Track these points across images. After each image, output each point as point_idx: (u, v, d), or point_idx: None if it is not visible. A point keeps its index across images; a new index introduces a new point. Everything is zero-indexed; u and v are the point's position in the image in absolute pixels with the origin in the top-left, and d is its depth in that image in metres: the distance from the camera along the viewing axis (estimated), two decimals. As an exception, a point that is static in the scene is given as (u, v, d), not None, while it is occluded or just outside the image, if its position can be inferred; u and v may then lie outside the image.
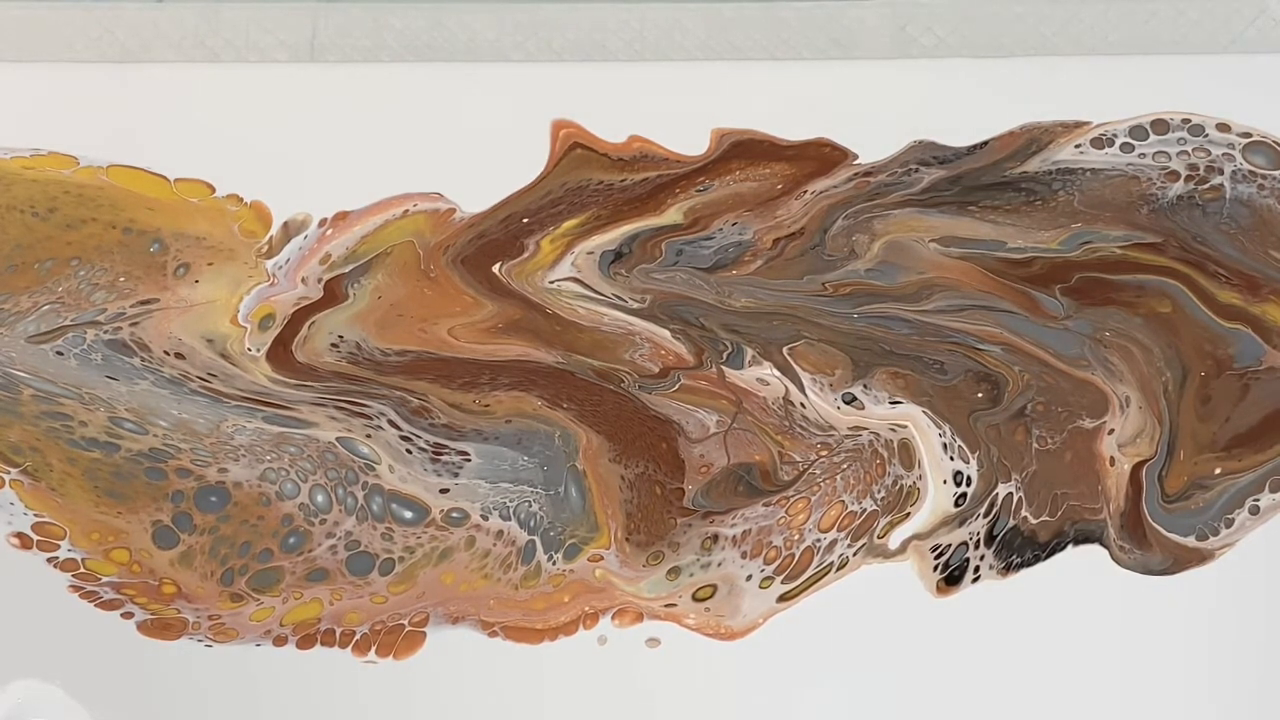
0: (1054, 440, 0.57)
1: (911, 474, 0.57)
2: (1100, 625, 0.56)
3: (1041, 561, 0.57)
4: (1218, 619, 0.56)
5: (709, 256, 0.59)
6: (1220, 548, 0.57)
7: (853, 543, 0.57)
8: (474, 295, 0.59)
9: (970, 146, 0.60)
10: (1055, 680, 0.56)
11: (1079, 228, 0.59)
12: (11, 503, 0.56)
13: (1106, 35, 0.62)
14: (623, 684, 0.56)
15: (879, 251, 0.59)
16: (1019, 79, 0.61)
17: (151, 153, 0.59)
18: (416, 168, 0.59)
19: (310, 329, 0.58)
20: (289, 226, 0.59)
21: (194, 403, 0.57)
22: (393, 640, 0.56)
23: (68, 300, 0.58)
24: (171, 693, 0.55)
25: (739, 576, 0.57)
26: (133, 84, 0.61)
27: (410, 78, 0.61)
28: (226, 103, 0.60)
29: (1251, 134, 0.60)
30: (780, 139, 0.60)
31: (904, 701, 0.56)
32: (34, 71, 0.61)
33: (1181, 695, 0.56)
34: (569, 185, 0.60)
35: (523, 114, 0.60)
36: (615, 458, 0.57)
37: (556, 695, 0.56)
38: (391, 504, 0.57)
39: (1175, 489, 0.57)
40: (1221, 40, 0.62)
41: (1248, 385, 0.58)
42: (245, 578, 0.56)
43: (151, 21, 0.62)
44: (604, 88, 0.61)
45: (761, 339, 0.58)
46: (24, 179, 0.59)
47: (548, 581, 0.56)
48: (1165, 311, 0.59)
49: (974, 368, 0.58)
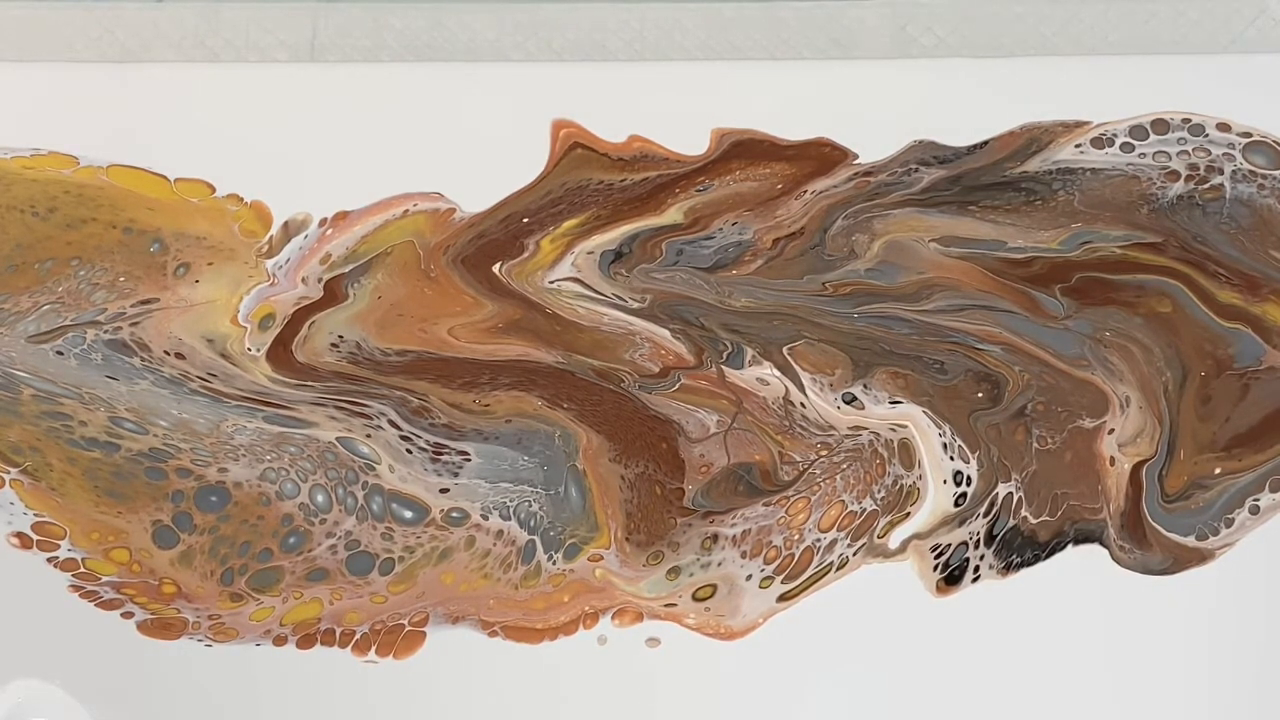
0: (1054, 440, 0.57)
1: (911, 474, 0.57)
2: (1100, 625, 0.56)
3: (1041, 561, 0.57)
4: (1218, 619, 0.56)
5: (709, 256, 0.59)
6: (1220, 548, 0.57)
7: (853, 542, 0.57)
8: (474, 295, 0.59)
9: (970, 146, 0.60)
10: (1055, 680, 0.56)
11: (1079, 227, 0.59)
12: (11, 502, 0.56)
13: (1106, 35, 0.62)
14: (623, 684, 0.56)
15: (879, 251, 0.59)
16: (1019, 79, 0.61)
17: (151, 153, 0.59)
18: (416, 168, 0.59)
19: (310, 329, 0.58)
20: (289, 226, 0.59)
21: (194, 403, 0.57)
22: (393, 640, 0.56)
23: (68, 300, 0.58)
24: (171, 693, 0.55)
25: (739, 576, 0.57)
26: (133, 84, 0.61)
27: (410, 78, 0.61)
28: (226, 103, 0.60)
29: (1251, 134, 0.60)
30: (780, 139, 0.60)
31: (904, 701, 0.56)
32: (34, 71, 0.61)
33: (1181, 695, 0.56)
34: (569, 185, 0.60)
35: (523, 114, 0.60)
36: (615, 458, 0.57)
37: (556, 695, 0.56)
38: (391, 504, 0.57)
39: (1175, 489, 0.57)
40: (1221, 40, 0.62)
41: (1248, 385, 0.58)
42: (245, 577, 0.56)
43: (151, 21, 0.62)
44: (604, 88, 0.61)
45: (761, 339, 0.58)
46: (24, 179, 0.59)
47: (548, 581, 0.56)
48: (1165, 311, 0.59)
49: (974, 368, 0.58)
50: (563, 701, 0.56)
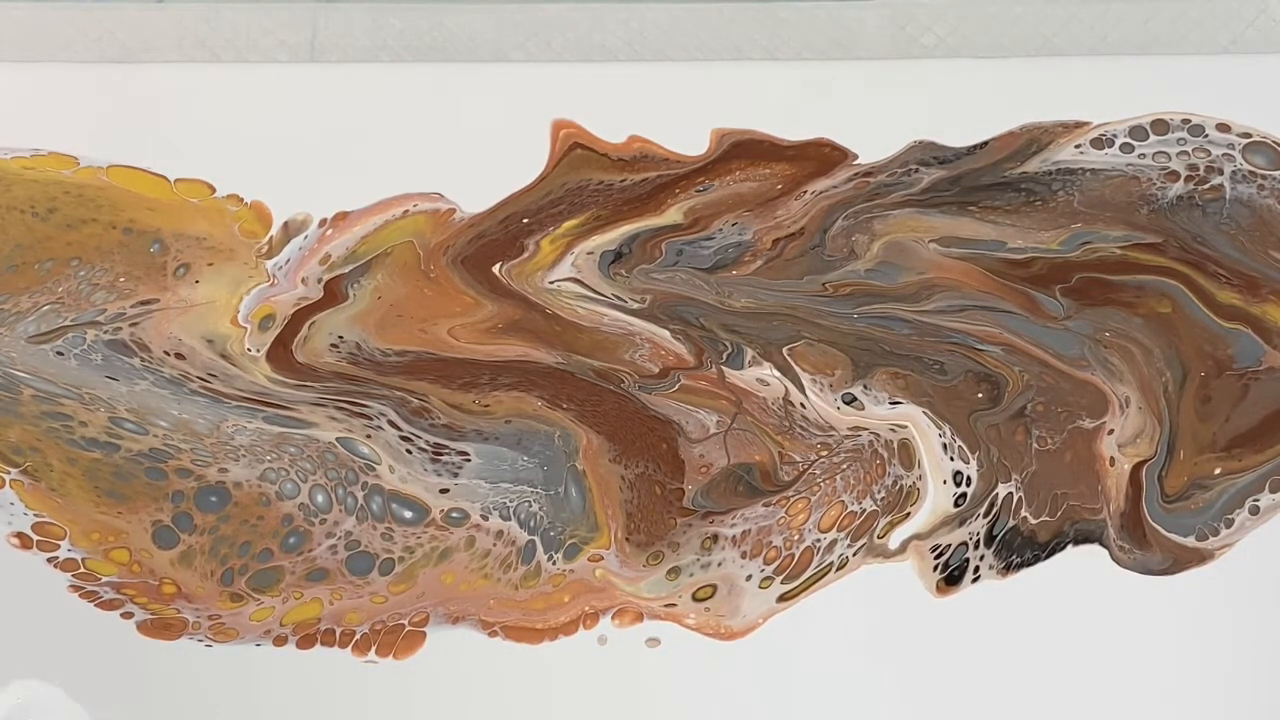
0: (1054, 440, 0.57)
1: (911, 474, 0.57)
2: (1100, 625, 0.56)
3: (1041, 561, 0.57)
4: (1217, 619, 0.56)
5: (709, 257, 0.59)
6: (1220, 548, 0.57)
7: (852, 543, 0.57)
8: (474, 295, 0.59)
9: (970, 146, 0.60)
10: (1055, 680, 0.56)
11: (1079, 228, 0.59)
12: (11, 503, 0.56)
13: (1106, 35, 0.62)
14: (623, 684, 0.56)
15: (879, 252, 0.59)
16: (1019, 79, 0.61)
17: (151, 153, 0.59)
18: (416, 168, 0.59)
19: (310, 329, 0.58)
20: (289, 226, 0.59)
21: (194, 403, 0.57)
22: (393, 640, 0.56)
23: (68, 300, 0.58)
24: (171, 693, 0.55)
25: (739, 576, 0.57)
26: (133, 84, 0.61)
27: (410, 78, 0.61)
28: (226, 103, 0.60)
29: (1251, 134, 0.60)
30: (780, 139, 0.60)
31: (904, 702, 0.56)
32: (34, 71, 0.61)
33: (1181, 695, 0.56)
34: (569, 185, 0.60)
35: (523, 114, 0.60)
36: (615, 458, 0.57)
37: (556, 695, 0.56)
38: (391, 504, 0.57)
39: (1175, 489, 0.57)
40: (1221, 40, 0.62)
41: (1247, 385, 0.58)
42: (245, 577, 0.56)
43: (151, 21, 0.62)
44: (604, 88, 0.61)
45: (761, 339, 0.58)
46: (24, 179, 0.59)
47: (548, 581, 0.56)
48: (1165, 312, 0.59)
49: (974, 368, 0.58)
50: (563, 701, 0.56)
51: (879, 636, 0.56)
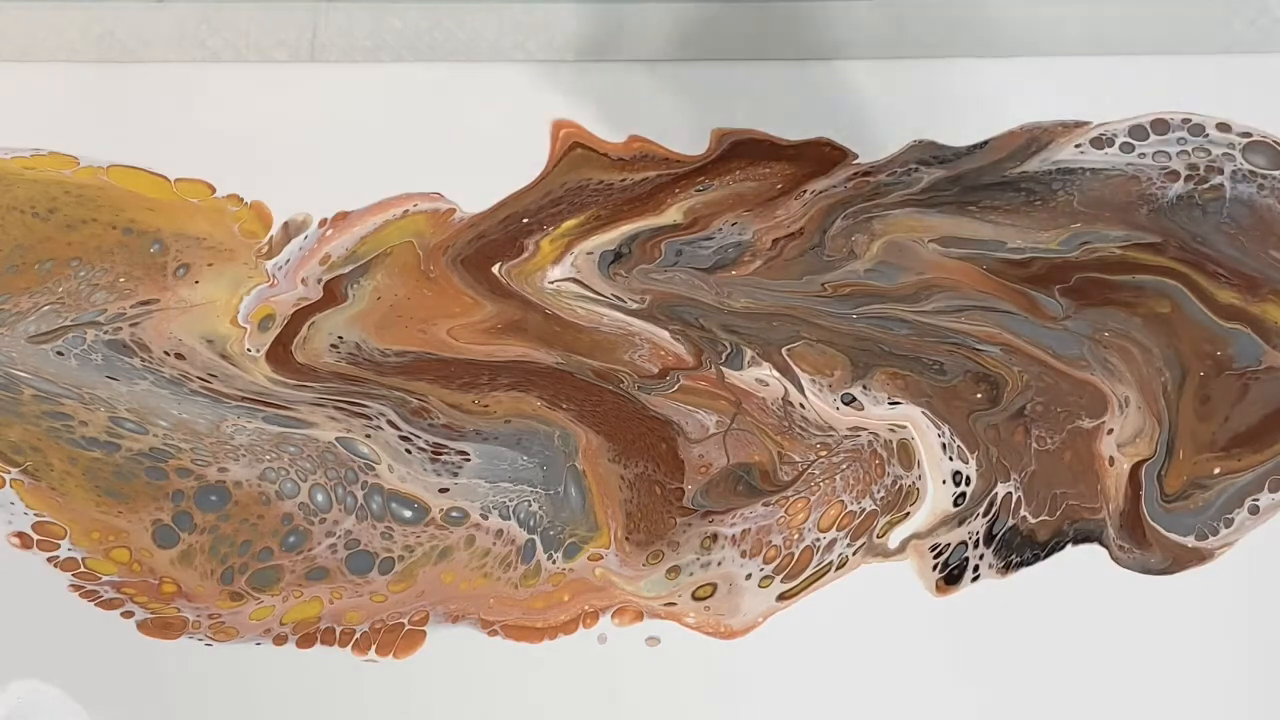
0: (1053, 440, 0.57)
1: (911, 474, 0.57)
2: (1099, 625, 0.56)
3: (1041, 561, 0.57)
4: (1217, 619, 0.56)
5: (708, 257, 0.59)
6: (1220, 548, 0.57)
7: (852, 542, 0.57)
8: (474, 296, 0.59)
9: (970, 146, 0.60)
10: (1055, 680, 0.56)
11: (1078, 228, 0.59)
12: (12, 502, 0.56)
13: (1106, 35, 0.62)
14: (623, 683, 0.56)
15: (878, 252, 0.59)
16: (1019, 79, 0.61)
17: (151, 153, 0.59)
18: (416, 168, 0.59)
19: (310, 329, 0.58)
20: (289, 227, 0.59)
21: (194, 403, 0.57)
22: (393, 639, 0.56)
23: (68, 301, 0.58)
24: (171, 692, 0.55)
25: (738, 575, 0.57)
26: (133, 84, 0.61)
27: (410, 78, 0.61)
28: (226, 103, 0.60)
29: (1251, 134, 0.60)
30: (780, 139, 0.60)
31: (904, 701, 0.56)
32: (34, 71, 0.61)
33: (1181, 695, 0.56)
34: (569, 185, 0.60)
35: (523, 114, 0.60)
36: (615, 458, 0.57)
37: (556, 694, 0.56)
38: (391, 503, 0.57)
39: (1174, 489, 0.57)
40: (1221, 40, 0.62)
41: (1247, 385, 0.58)
42: (245, 576, 0.56)
43: (151, 21, 0.62)
44: (604, 88, 0.61)
45: (761, 339, 0.58)
46: (24, 179, 0.59)
47: (547, 580, 0.56)
48: (1164, 311, 0.59)
49: (973, 368, 0.58)
50: (563, 701, 0.56)
51: (879, 636, 0.56)
